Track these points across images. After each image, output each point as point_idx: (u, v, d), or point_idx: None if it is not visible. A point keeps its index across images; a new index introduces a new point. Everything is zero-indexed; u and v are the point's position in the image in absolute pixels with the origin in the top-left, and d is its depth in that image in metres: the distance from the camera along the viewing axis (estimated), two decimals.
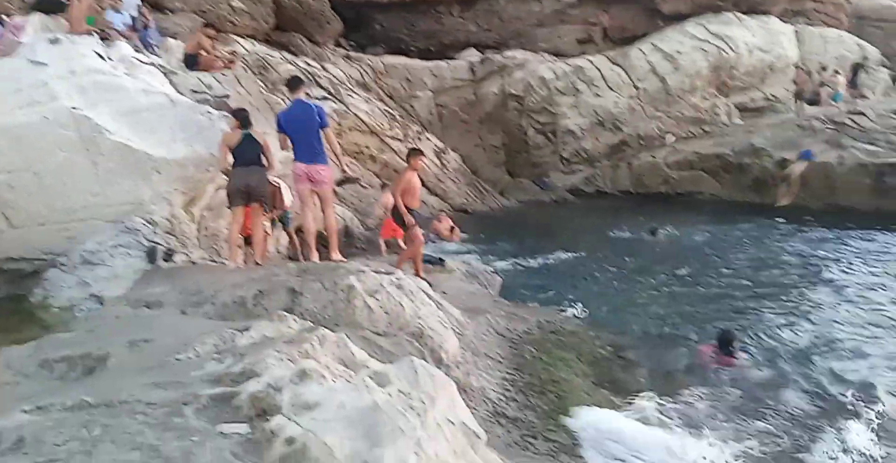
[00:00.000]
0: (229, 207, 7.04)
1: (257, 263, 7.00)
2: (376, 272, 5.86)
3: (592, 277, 11.28)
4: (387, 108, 18.49)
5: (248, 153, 6.87)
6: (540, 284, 10.72)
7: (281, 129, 7.05)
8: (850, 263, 11.70)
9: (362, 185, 14.24)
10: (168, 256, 6.71)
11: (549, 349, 6.53)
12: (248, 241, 7.60)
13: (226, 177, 7.10)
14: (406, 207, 7.64)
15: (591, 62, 20.69)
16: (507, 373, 5.89)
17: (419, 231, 7.90)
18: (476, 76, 20.53)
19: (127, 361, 3.68)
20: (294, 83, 7.39)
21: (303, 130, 6.93)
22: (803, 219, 15.25)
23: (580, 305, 8.82)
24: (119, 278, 6.35)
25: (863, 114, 18.64)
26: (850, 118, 18.37)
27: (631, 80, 20.50)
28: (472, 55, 21.90)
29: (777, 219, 15.36)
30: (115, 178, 7.03)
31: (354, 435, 2.66)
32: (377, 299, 5.42)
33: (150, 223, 6.95)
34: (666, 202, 17.98)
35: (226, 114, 8.00)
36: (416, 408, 3.02)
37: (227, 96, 9.55)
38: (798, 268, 11.56)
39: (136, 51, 9.46)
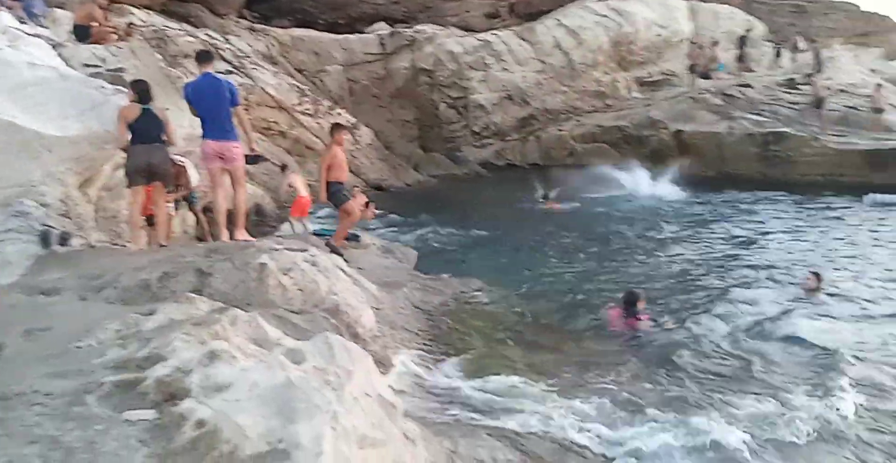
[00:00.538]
0: (128, 187, 6.70)
1: (161, 245, 6.73)
2: (289, 250, 5.78)
3: (506, 247, 11.55)
4: (295, 82, 18.00)
5: (148, 129, 6.49)
6: (455, 256, 10.89)
7: (188, 101, 6.75)
8: (744, 225, 12.53)
9: (274, 163, 13.84)
10: (63, 239, 6.31)
11: (464, 319, 6.67)
12: (150, 221, 7.28)
13: (124, 154, 6.73)
14: (336, 181, 7.62)
15: (499, 37, 20.85)
16: (425, 344, 5.99)
17: (353, 204, 8.00)
18: (386, 50, 20.28)
19: (23, 350, 3.49)
20: (204, 57, 7.08)
21: (213, 107, 6.63)
22: (697, 186, 16.14)
23: (495, 274, 9.01)
24: (11, 265, 5.94)
25: (750, 86, 19.78)
26: (738, 90, 19.44)
27: (537, 55, 20.81)
28: (382, 29, 21.58)
29: (674, 186, 16.17)
30: (2, 158, 6.55)
31: (268, 413, 2.65)
32: (291, 277, 5.35)
33: (42, 205, 6.52)
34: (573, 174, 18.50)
35: (120, 88, 7.56)
36: (331, 383, 3.03)
37: (123, 70, 9.02)
38: (697, 232, 12.25)
39: (21, 22, 8.78)
